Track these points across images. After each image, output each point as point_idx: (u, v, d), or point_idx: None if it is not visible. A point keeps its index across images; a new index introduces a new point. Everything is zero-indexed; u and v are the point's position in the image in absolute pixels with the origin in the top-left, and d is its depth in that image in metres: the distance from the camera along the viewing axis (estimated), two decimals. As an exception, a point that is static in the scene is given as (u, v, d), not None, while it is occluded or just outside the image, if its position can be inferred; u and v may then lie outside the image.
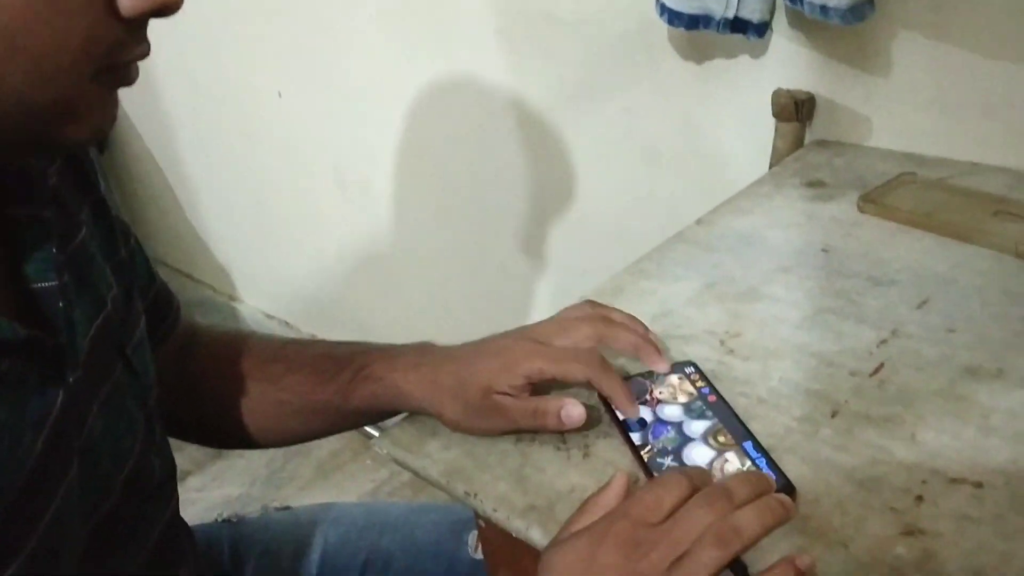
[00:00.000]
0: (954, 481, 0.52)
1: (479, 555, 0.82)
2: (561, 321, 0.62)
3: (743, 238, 0.81)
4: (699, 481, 0.49)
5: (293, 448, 1.89)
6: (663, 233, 0.83)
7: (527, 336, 0.61)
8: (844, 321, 0.68)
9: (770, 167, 0.97)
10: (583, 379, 0.59)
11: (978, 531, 0.49)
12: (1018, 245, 0.72)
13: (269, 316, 2.14)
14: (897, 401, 0.59)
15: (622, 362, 0.66)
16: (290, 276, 2.01)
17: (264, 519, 0.83)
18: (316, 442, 1.90)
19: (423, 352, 0.64)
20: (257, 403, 0.69)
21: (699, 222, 0.85)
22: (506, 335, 0.62)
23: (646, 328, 0.64)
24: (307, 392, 0.67)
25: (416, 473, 0.62)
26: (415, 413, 0.64)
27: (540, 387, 0.60)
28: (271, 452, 1.89)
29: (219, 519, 0.82)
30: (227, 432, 0.71)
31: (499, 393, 0.59)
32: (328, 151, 1.67)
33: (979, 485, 0.52)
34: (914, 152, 0.91)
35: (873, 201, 0.82)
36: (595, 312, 0.63)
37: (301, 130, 1.69)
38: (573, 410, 0.58)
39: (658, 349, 0.62)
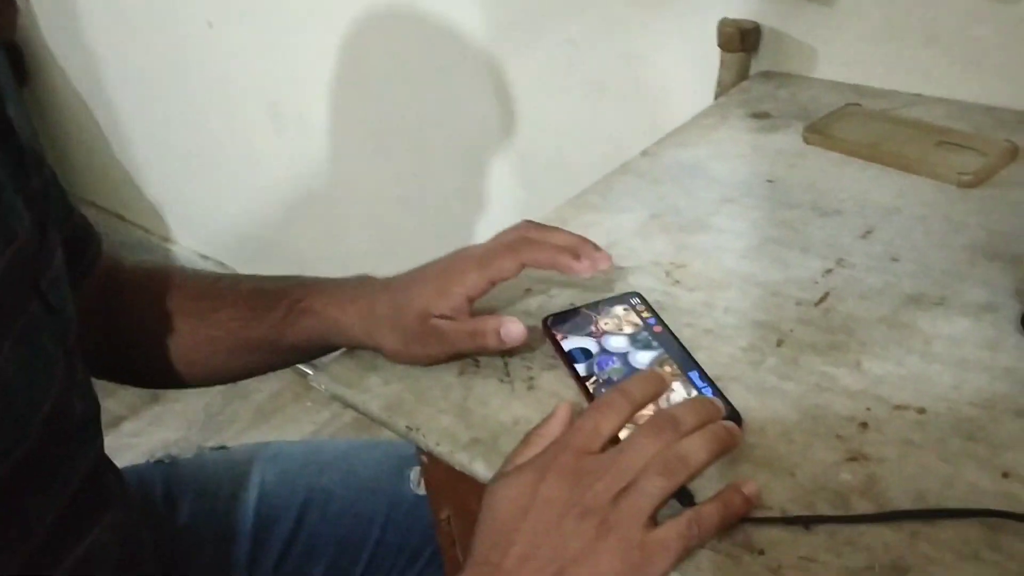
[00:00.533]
0: (898, 408, 0.52)
1: (421, 491, 0.81)
2: (497, 236, 0.61)
3: (688, 169, 0.80)
4: (639, 393, 0.48)
5: (232, 391, 1.86)
6: (606, 167, 0.82)
7: (459, 256, 0.60)
8: (789, 251, 0.67)
9: (715, 98, 0.96)
10: (516, 267, 0.57)
11: (921, 455, 0.49)
12: (960, 175, 0.72)
13: (204, 257, 2.08)
14: (842, 330, 0.59)
15: (569, 295, 0.64)
16: (225, 215, 1.95)
17: (199, 459, 0.80)
18: (255, 384, 1.88)
19: (361, 284, 0.62)
20: (187, 340, 0.66)
21: (644, 153, 0.84)
22: (440, 259, 0.61)
23: (580, 236, 0.62)
24: (240, 328, 0.65)
25: (356, 409, 0.60)
26: (353, 348, 0.62)
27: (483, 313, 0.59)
28: (209, 395, 1.85)
29: (151, 461, 0.79)
30: (156, 372, 0.68)
31: (437, 317, 0.57)
32: (262, 84, 1.62)
33: (922, 411, 0.52)
34: (858, 83, 0.90)
35: (818, 132, 0.81)
36: (528, 224, 0.61)
37: (233, 62, 1.63)
38: (512, 327, 0.56)
39: (596, 246, 0.60)
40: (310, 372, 1.86)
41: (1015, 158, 0.74)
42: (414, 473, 0.81)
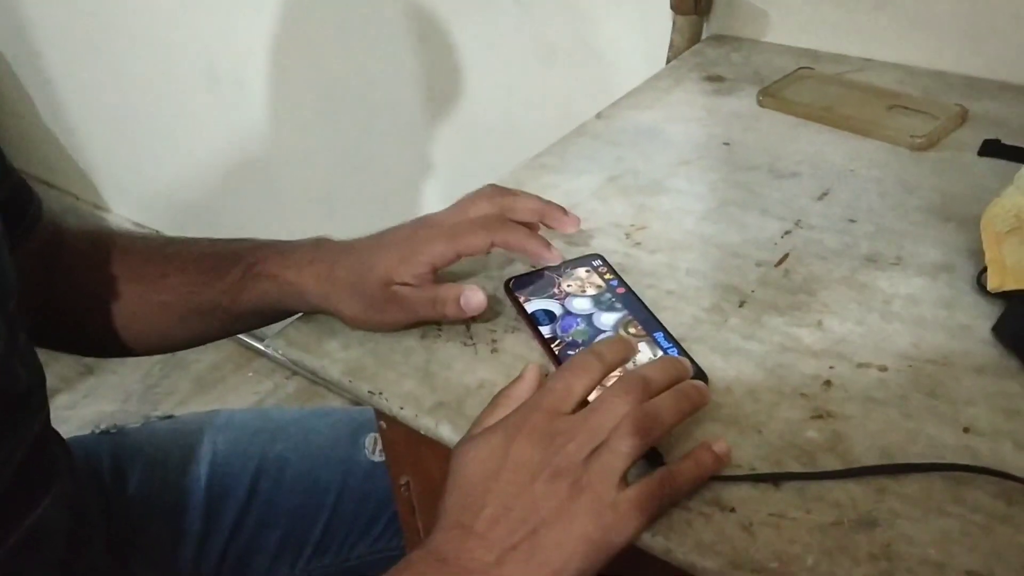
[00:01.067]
0: (860, 366, 0.53)
1: (376, 457, 0.80)
2: (459, 204, 0.60)
3: (645, 132, 0.80)
4: (611, 358, 0.48)
5: (170, 361, 1.82)
6: (557, 132, 0.81)
7: (425, 223, 0.58)
8: (748, 213, 0.68)
9: (667, 62, 0.96)
10: (486, 245, 0.56)
11: (884, 412, 0.50)
12: (912, 138, 0.73)
13: (139, 225, 2.02)
14: (802, 290, 0.59)
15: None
16: (161, 182, 1.89)
17: (146, 429, 0.78)
18: (194, 355, 1.84)
19: (318, 247, 0.60)
20: (135, 306, 0.64)
21: (599, 116, 0.83)
22: (404, 225, 0.59)
23: (547, 200, 0.61)
24: (191, 293, 0.62)
25: (316, 374, 0.58)
26: (310, 312, 0.61)
27: (445, 280, 0.58)
28: (146, 366, 1.81)
29: (96, 431, 0.77)
30: (102, 339, 0.66)
31: (399, 284, 0.56)
32: (199, 45, 1.56)
33: (884, 369, 0.53)
34: (810, 47, 0.91)
35: (772, 95, 0.81)
36: (494, 190, 0.60)
37: (168, 21, 1.57)
38: (473, 296, 0.55)
39: (564, 210, 0.60)
40: (253, 341, 1.83)
41: (965, 121, 0.76)
42: (369, 440, 0.80)
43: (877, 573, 0.41)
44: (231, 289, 0.61)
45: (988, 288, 0.55)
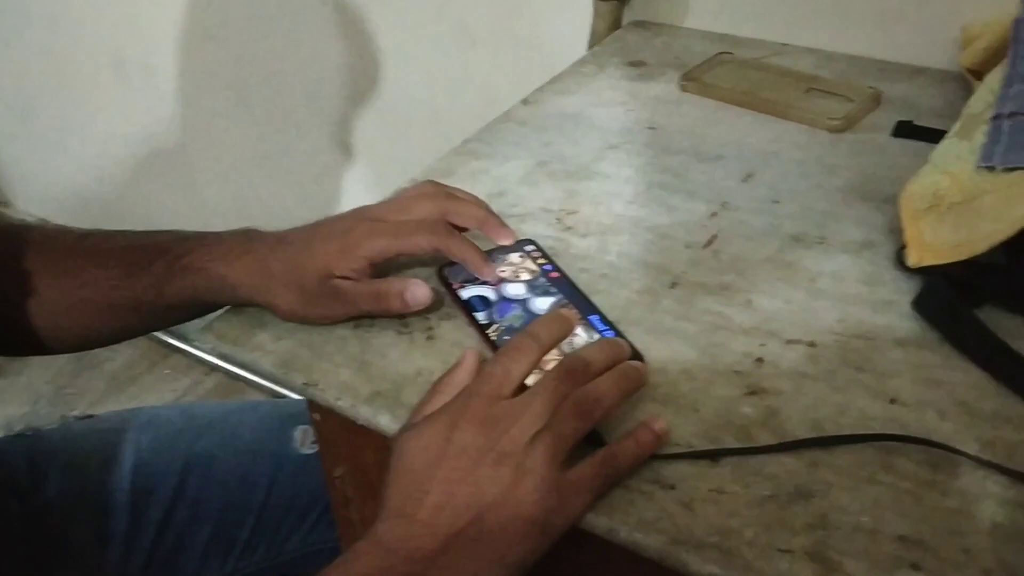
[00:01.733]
0: (790, 342, 0.54)
1: (306, 450, 0.79)
2: (401, 200, 0.59)
3: (570, 117, 0.80)
4: (547, 335, 0.48)
5: (82, 361, 1.76)
6: (479, 119, 0.80)
7: (366, 216, 0.57)
8: (675, 195, 0.68)
9: (589, 48, 0.96)
10: (430, 249, 0.56)
11: (815, 387, 0.51)
12: (829, 120, 0.75)
13: (44, 221, 1.94)
14: (731, 269, 0.60)
15: (460, 242, 0.63)
16: (67, 175, 1.82)
17: (64, 430, 0.75)
18: (107, 352, 1.78)
19: (248, 238, 0.59)
20: (54, 303, 0.61)
21: (525, 102, 0.83)
22: (343, 217, 0.58)
23: (488, 207, 0.61)
24: (114, 287, 0.60)
25: (247, 367, 0.57)
26: (239, 305, 0.59)
27: (380, 272, 0.57)
28: (56, 366, 1.74)
29: (10, 434, 0.73)
30: (19, 338, 0.63)
31: (338, 277, 0.55)
32: (104, 30, 1.51)
33: (812, 344, 0.54)
34: (728, 33, 0.93)
35: (694, 80, 0.82)
36: (437, 189, 0.60)
37: (70, 7, 1.51)
38: (418, 290, 0.55)
39: (503, 223, 0.60)
40: (168, 338, 1.78)
41: (879, 104, 0.78)
42: (298, 432, 0.79)
43: (813, 542, 0.42)
44: (156, 283, 0.59)
45: (908, 264, 0.57)
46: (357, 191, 1.38)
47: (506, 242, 0.59)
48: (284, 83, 1.36)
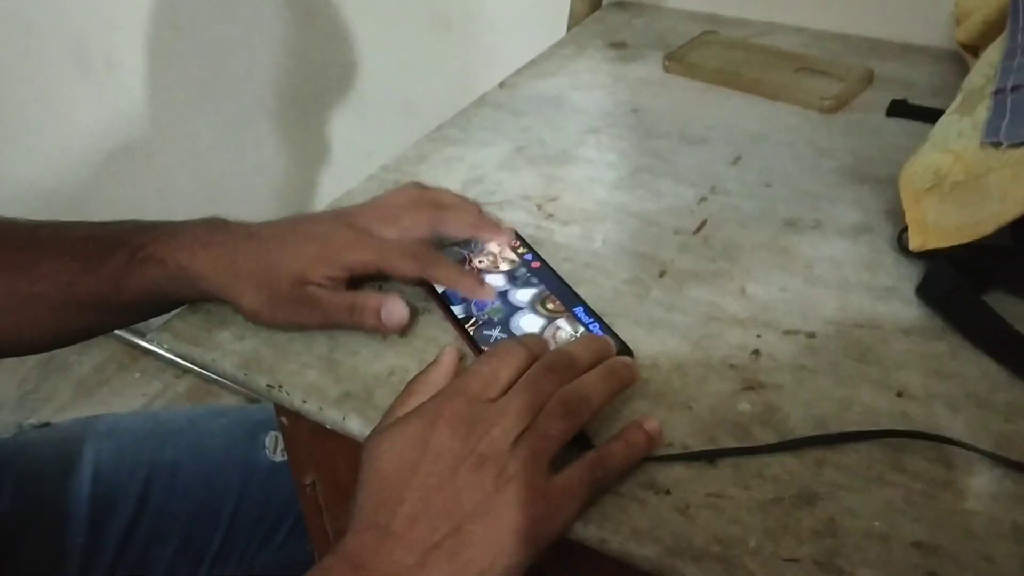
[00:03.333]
0: (788, 333, 0.51)
1: (278, 457, 0.75)
2: (387, 207, 0.55)
3: (550, 100, 0.76)
4: (537, 349, 0.45)
5: (49, 363, 1.70)
6: (455, 108, 0.77)
7: (348, 222, 0.53)
8: (661, 180, 0.65)
9: (568, 30, 0.92)
10: (415, 276, 0.52)
11: (816, 380, 0.48)
12: (822, 100, 0.71)
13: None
14: (723, 257, 0.57)
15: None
16: (26, 170, 1.77)
17: (20, 439, 0.71)
18: (75, 355, 1.73)
19: (214, 228, 0.54)
20: (4, 300, 0.56)
21: (502, 85, 0.79)
22: (322, 218, 0.54)
23: (479, 208, 0.57)
24: (69, 283, 0.55)
25: (207, 369, 0.53)
26: (201, 301, 0.55)
27: (356, 279, 0.53)
28: (21, 370, 1.69)
29: (-40, 444, 0.69)
30: None
31: (312, 283, 0.51)
32: (65, 22, 1.45)
33: (812, 335, 0.51)
34: (712, 12, 0.89)
35: (678, 60, 0.79)
36: (423, 196, 0.56)
37: (28, -2, 1.46)
38: (395, 307, 0.51)
39: (496, 225, 0.56)
40: (138, 340, 1.73)
41: (871, 83, 0.75)
42: (269, 439, 0.75)
43: (823, 551, 0.39)
44: (114, 277, 0.54)
45: (910, 248, 0.54)
46: (329, 184, 1.34)
47: (504, 242, 0.56)
48: (252, 74, 1.31)
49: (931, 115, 0.69)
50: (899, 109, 0.70)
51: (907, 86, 0.75)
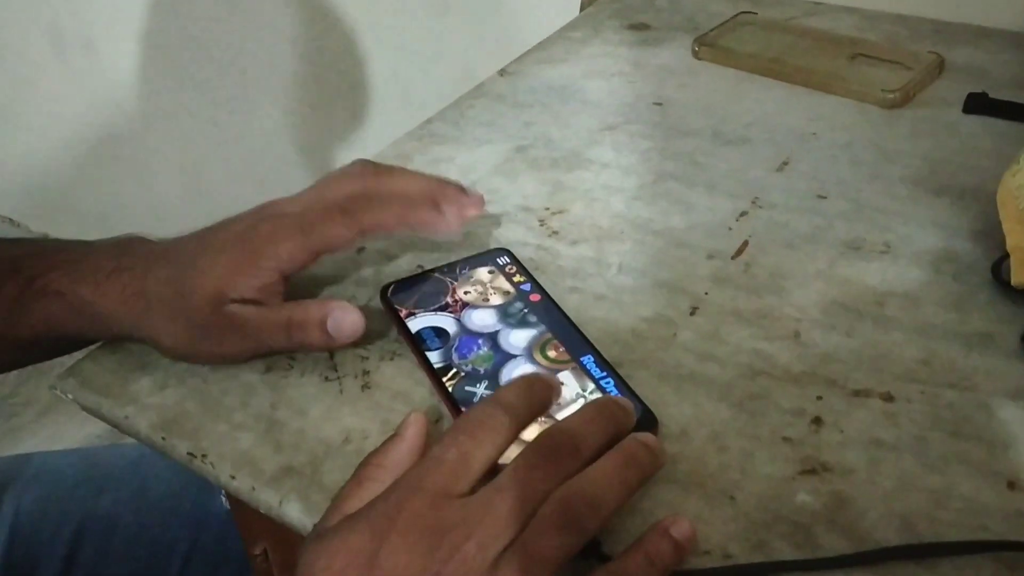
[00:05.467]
0: (857, 394, 0.40)
1: (237, 504, 0.64)
2: (316, 185, 0.45)
3: (558, 91, 0.65)
4: (524, 406, 0.34)
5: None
6: (455, 94, 0.67)
7: (267, 214, 0.43)
8: (692, 190, 0.54)
9: (581, 9, 0.82)
10: (352, 233, 0.42)
11: (898, 462, 0.36)
12: (884, 93, 0.60)
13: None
14: (770, 289, 0.46)
15: (415, 255, 0.49)
16: (7, 163, 1.68)
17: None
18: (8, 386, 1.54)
19: (123, 251, 0.44)
20: None
21: (503, 73, 0.69)
22: (239, 218, 0.43)
23: (437, 176, 0.46)
24: None
25: (118, 427, 0.43)
26: (114, 340, 0.45)
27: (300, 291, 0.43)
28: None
29: None
30: None
31: (235, 301, 0.40)
32: (40, 5, 1.36)
33: (888, 398, 0.39)
34: (747, -10, 0.78)
35: (710, 45, 0.68)
36: (364, 168, 0.45)
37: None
38: (344, 316, 0.41)
39: (462, 187, 0.45)
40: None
41: (942, 72, 0.63)
42: (226, 483, 0.64)
43: None
44: (6, 311, 0.44)
45: (1012, 283, 0.42)
46: (319, 172, 1.24)
47: (474, 211, 0.45)
48: (239, 59, 1.24)
49: (1018, 112, 0.57)
50: (978, 104, 0.59)
51: (982, 76, 0.63)
